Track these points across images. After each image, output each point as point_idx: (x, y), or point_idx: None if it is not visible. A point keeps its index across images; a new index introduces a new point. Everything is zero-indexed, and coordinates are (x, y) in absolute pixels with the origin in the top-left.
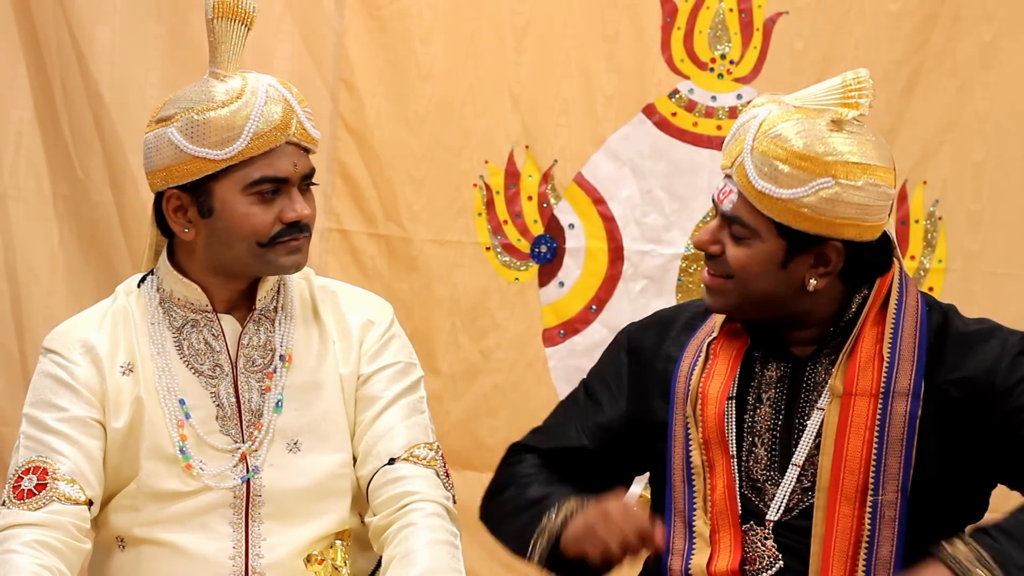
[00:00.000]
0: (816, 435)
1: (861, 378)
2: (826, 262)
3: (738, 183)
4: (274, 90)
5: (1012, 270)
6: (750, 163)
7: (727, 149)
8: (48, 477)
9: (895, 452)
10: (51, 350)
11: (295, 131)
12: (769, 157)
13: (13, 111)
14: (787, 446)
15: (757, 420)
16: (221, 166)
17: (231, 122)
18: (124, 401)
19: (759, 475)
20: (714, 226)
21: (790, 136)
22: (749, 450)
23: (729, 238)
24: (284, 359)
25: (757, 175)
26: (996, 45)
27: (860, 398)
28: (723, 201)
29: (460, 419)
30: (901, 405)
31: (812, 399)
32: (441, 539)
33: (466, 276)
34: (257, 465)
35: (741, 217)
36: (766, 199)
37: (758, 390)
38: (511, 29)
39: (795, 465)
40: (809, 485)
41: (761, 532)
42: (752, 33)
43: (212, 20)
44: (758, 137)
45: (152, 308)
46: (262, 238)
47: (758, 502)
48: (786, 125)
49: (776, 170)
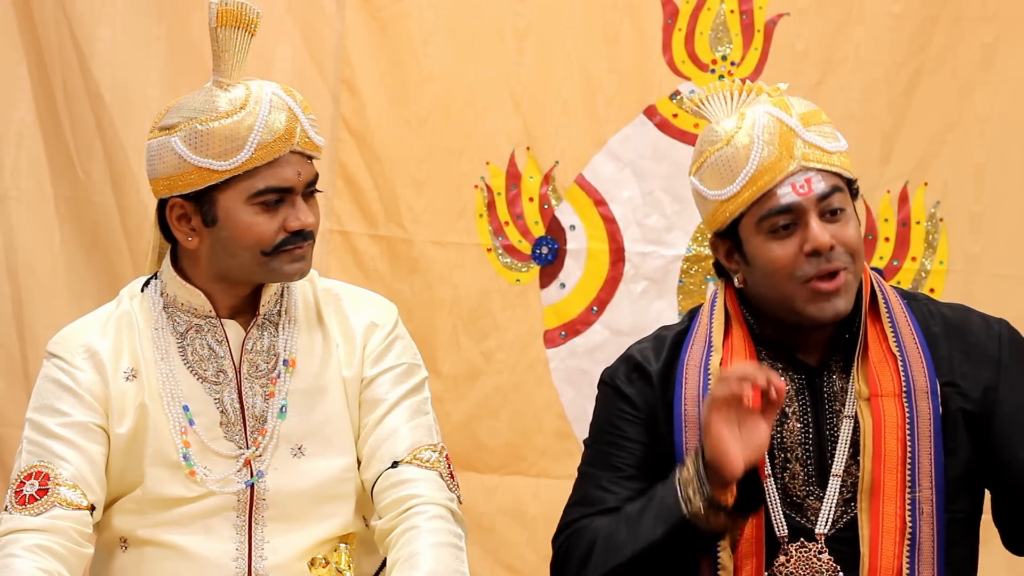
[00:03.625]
0: (849, 442)
1: (882, 379)
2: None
3: (812, 162)
4: (278, 99)
5: (1013, 271)
6: (812, 136)
7: (772, 156)
8: (50, 482)
9: (925, 449)
10: (54, 354)
11: (299, 140)
12: (817, 123)
13: (14, 112)
14: (821, 458)
15: (786, 436)
16: (225, 176)
17: (235, 133)
18: (128, 407)
19: (798, 491)
20: (818, 224)
21: (804, 106)
22: (783, 467)
23: (832, 222)
24: (288, 364)
25: (825, 141)
26: (997, 46)
27: (887, 399)
28: (811, 190)
29: (461, 420)
30: (924, 403)
31: (836, 408)
32: (445, 541)
33: (467, 277)
34: (261, 470)
35: (837, 186)
36: (841, 156)
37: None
38: (512, 30)
39: (835, 476)
40: (850, 495)
41: (815, 547)
42: (753, 34)
43: (216, 29)
44: (794, 119)
45: (156, 313)
46: (266, 247)
47: (801, 519)
48: (793, 102)
49: (825, 130)
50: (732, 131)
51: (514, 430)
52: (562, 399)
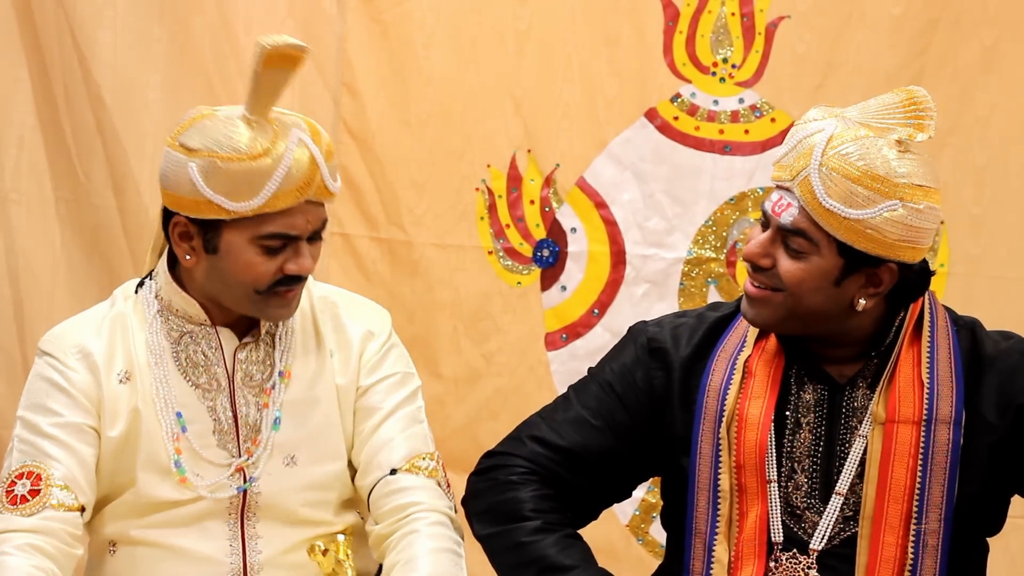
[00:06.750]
0: (858, 463)
1: (903, 405)
2: (877, 283)
3: (802, 198)
4: (302, 148)
5: (1014, 273)
6: (818, 179)
7: (785, 162)
8: (42, 483)
9: (938, 480)
10: (47, 352)
11: (315, 191)
12: (840, 176)
13: (15, 115)
14: (828, 473)
15: (796, 445)
16: (233, 216)
17: (253, 177)
18: (121, 410)
19: (799, 502)
20: (765, 239)
21: (861, 156)
22: (788, 476)
23: (783, 252)
24: (283, 375)
25: (826, 193)
26: (997, 49)
27: (903, 425)
28: (780, 214)
29: (462, 423)
30: (944, 433)
31: (852, 425)
32: (444, 547)
33: (468, 280)
34: (253, 476)
35: (803, 230)
36: (833, 217)
37: (796, 413)
38: (513, 33)
39: (838, 494)
40: (851, 514)
41: (805, 561)
42: (754, 37)
43: (260, 72)
44: (827, 153)
45: (150, 316)
46: (260, 287)
47: (797, 530)
48: (856, 144)
49: (847, 189)
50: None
51: None
52: None
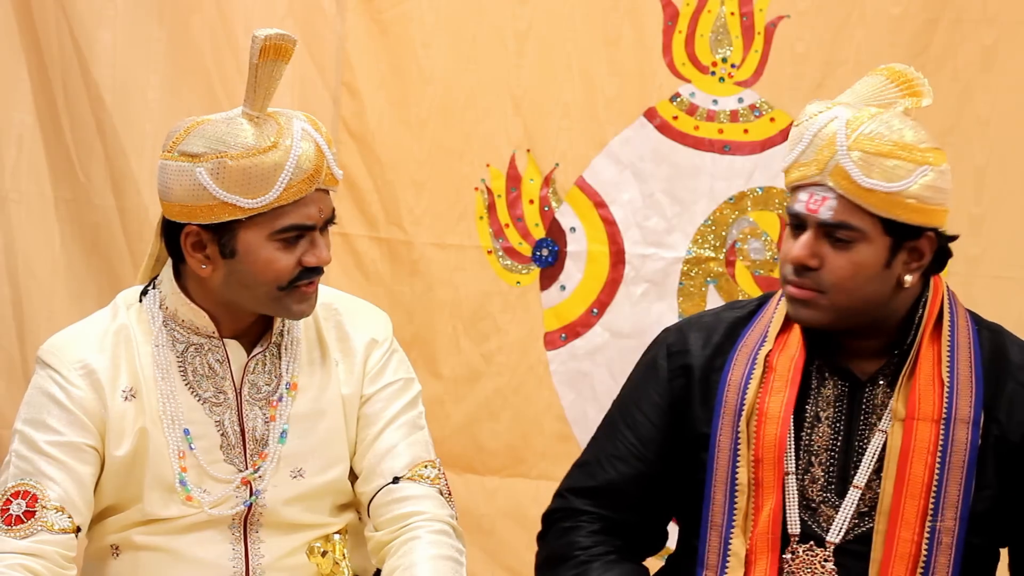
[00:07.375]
0: (877, 458)
1: (923, 402)
2: (919, 256)
3: (838, 186)
4: (307, 138)
5: (1013, 274)
6: (850, 163)
7: (807, 159)
8: (37, 505)
9: (956, 479)
10: (49, 365)
11: (324, 178)
12: (872, 154)
13: (14, 114)
14: (845, 468)
15: (814, 439)
16: (250, 213)
17: (264, 172)
18: (127, 428)
19: (815, 495)
20: (809, 239)
21: (885, 131)
22: (805, 469)
23: (830, 248)
24: (290, 388)
25: (863, 173)
26: (997, 49)
27: (922, 423)
28: (818, 210)
29: (461, 423)
30: (962, 432)
31: (872, 421)
32: (445, 555)
33: (467, 280)
34: (259, 490)
35: (846, 221)
36: (874, 196)
37: (815, 407)
38: (512, 33)
39: (856, 487)
40: (867, 510)
41: (821, 554)
42: (753, 37)
43: (257, 64)
44: (851, 137)
45: (156, 328)
46: (283, 282)
47: (812, 524)
48: (875, 122)
49: (883, 165)
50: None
51: (514, 432)
52: (562, 401)
